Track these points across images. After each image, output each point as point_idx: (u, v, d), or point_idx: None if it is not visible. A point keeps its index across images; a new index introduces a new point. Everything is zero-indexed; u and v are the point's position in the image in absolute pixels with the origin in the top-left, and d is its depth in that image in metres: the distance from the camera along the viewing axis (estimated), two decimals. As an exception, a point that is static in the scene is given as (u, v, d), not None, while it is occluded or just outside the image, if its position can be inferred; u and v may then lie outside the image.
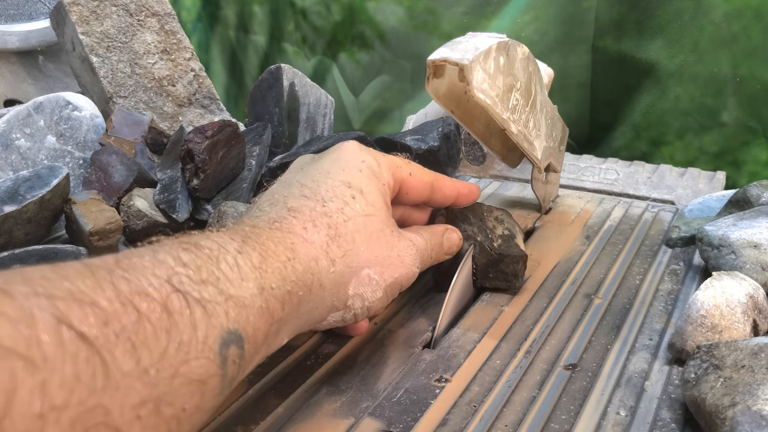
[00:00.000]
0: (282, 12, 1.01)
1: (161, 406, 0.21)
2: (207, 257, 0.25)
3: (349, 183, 0.34)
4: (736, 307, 0.35)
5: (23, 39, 0.69)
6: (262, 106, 0.65)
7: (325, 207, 0.32)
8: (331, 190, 0.33)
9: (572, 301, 0.42)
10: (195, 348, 0.22)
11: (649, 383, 0.35)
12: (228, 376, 0.24)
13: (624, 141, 0.78)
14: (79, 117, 0.56)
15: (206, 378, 0.23)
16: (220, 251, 0.26)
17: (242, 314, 0.25)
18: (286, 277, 0.28)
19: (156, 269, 0.23)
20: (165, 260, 0.24)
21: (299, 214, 0.31)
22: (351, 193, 0.33)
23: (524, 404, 0.33)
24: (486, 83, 0.39)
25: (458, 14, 0.84)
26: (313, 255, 0.30)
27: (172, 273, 0.23)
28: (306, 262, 0.30)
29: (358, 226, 0.33)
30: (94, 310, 0.20)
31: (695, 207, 0.52)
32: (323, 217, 0.32)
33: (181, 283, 0.23)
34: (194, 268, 0.24)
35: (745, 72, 0.69)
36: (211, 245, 0.26)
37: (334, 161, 0.35)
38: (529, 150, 0.47)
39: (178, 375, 0.22)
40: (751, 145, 0.71)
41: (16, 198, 0.45)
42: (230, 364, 0.24)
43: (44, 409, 0.17)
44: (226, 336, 0.24)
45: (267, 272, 0.27)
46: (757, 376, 0.29)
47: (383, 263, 0.34)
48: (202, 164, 0.51)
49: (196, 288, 0.24)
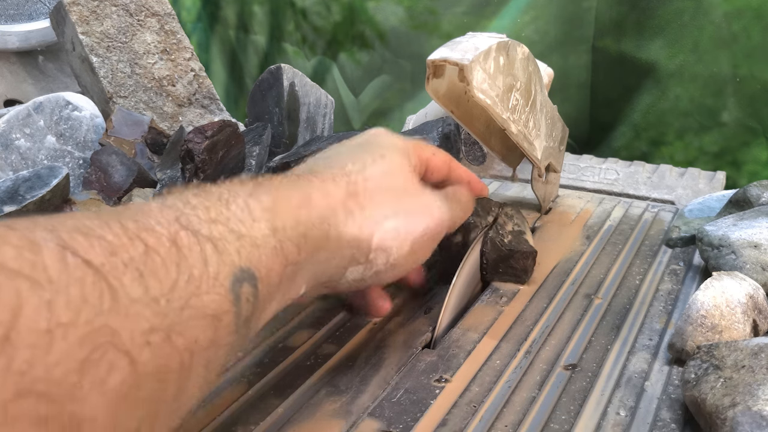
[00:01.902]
0: (282, 12, 1.01)
1: (172, 336, 0.21)
2: (216, 199, 0.25)
3: (369, 148, 0.34)
4: (736, 308, 0.35)
5: (23, 39, 0.69)
6: (262, 106, 0.65)
7: (345, 169, 0.32)
8: (353, 157, 0.33)
9: (572, 301, 0.42)
10: (206, 282, 0.22)
11: (649, 383, 0.35)
12: (242, 314, 0.24)
13: (624, 141, 0.78)
14: (79, 117, 0.55)
15: (219, 314, 0.23)
16: (230, 194, 0.26)
17: (254, 253, 0.25)
18: (300, 221, 0.28)
19: (165, 211, 0.23)
20: (173, 204, 0.24)
21: (319, 173, 0.32)
22: (372, 158, 0.34)
23: (524, 404, 0.33)
24: (486, 83, 0.39)
25: (458, 14, 0.84)
26: (330, 205, 0.30)
27: (180, 213, 0.23)
28: (321, 210, 0.29)
29: (378, 183, 0.33)
30: (100, 242, 0.20)
31: (695, 207, 0.52)
32: (343, 177, 0.32)
33: (189, 222, 0.23)
34: (203, 208, 0.24)
35: (745, 72, 0.69)
36: (220, 190, 0.26)
37: (361, 142, 0.36)
38: (529, 150, 0.47)
39: (188, 307, 0.21)
40: (751, 145, 0.71)
41: (16, 198, 0.45)
42: (244, 302, 0.24)
43: (51, 325, 0.17)
44: (239, 273, 0.24)
45: (279, 214, 0.27)
46: (757, 376, 0.29)
47: (408, 213, 0.33)
48: (201, 164, 0.51)
49: (206, 226, 0.24)
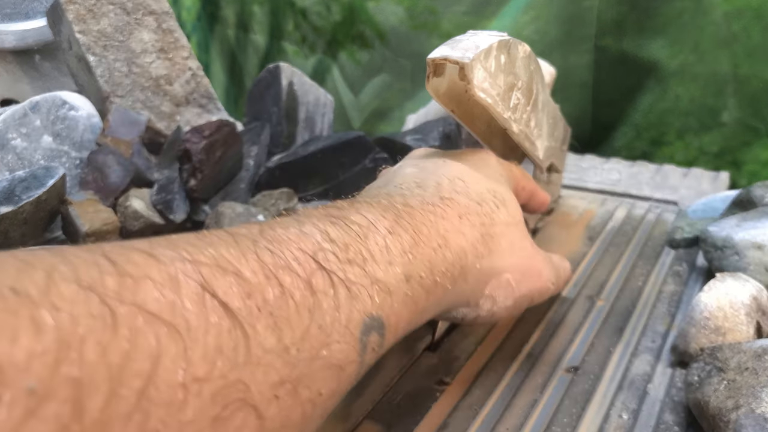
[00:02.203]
0: (282, 11, 1.01)
1: (299, 388, 0.20)
2: (356, 234, 0.24)
3: (494, 192, 0.33)
4: (739, 309, 0.35)
5: (20, 38, 0.68)
6: (260, 105, 0.65)
7: (479, 207, 0.31)
8: (480, 193, 0.32)
9: (575, 303, 0.42)
10: (337, 331, 0.22)
11: (651, 386, 0.34)
12: (365, 363, 0.23)
13: (625, 141, 0.78)
14: (76, 117, 0.55)
15: (345, 364, 0.22)
16: (369, 229, 0.25)
17: (386, 300, 0.24)
18: (435, 266, 0.27)
19: (302, 243, 0.22)
20: (312, 234, 0.23)
21: (453, 204, 0.30)
22: (496, 201, 0.33)
23: (526, 407, 0.33)
24: (487, 82, 0.38)
25: (458, 14, 0.84)
26: (463, 246, 0.29)
27: (318, 248, 0.23)
28: (456, 252, 0.29)
29: (504, 231, 0.32)
30: (238, 280, 0.19)
31: (698, 207, 0.52)
32: (476, 215, 0.31)
33: (327, 260, 0.22)
34: (342, 245, 0.23)
35: (745, 71, 0.68)
36: (361, 221, 0.25)
37: (477, 165, 0.34)
38: (530, 150, 0.47)
39: (318, 357, 0.21)
40: (753, 145, 0.70)
41: (12, 198, 0.45)
42: (369, 351, 0.23)
43: (187, 379, 0.16)
44: (369, 322, 0.23)
45: (417, 258, 0.26)
46: (760, 378, 0.29)
47: (523, 272, 0.33)
48: (199, 164, 0.51)
49: (342, 267, 0.23)
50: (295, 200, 0.55)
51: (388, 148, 0.58)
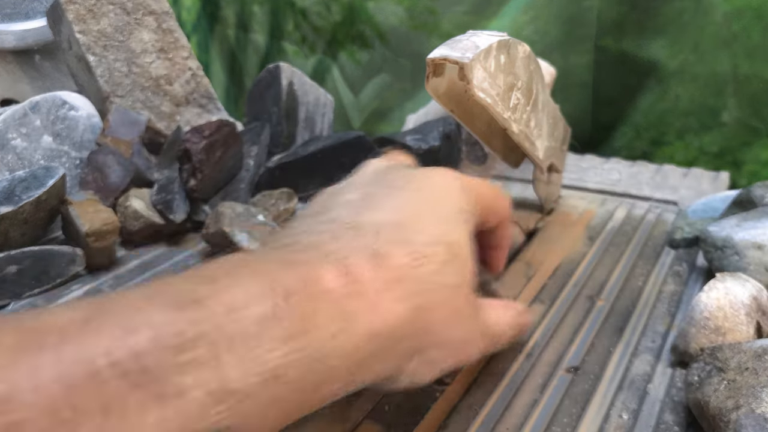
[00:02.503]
0: (282, 11, 1.01)
1: None
2: (214, 324, 0.20)
3: (446, 242, 0.28)
4: (739, 309, 0.35)
5: (20, 38, 0.68)
6: (260, 105, 0.65)
7: (420, 269, 0.26)
8: (427, 245, 0.27)
9: (574, 304, 0.42)
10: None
11: (652, 386, 0.34)
12: None
13: (625, 141, 0.78)
14: (76, 117, 0.55)
15: None
16: (239, 312, 0.21)
17: (241, 406, 0.20)
18: (327, 356, 0.23)
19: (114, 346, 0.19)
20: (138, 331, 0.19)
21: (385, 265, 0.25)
22: (445, 257, 0.27)
23: (526, 408, 0.33)
24: (486, 82, 0.38)
25: (458, 14, 0.84)
26: (377, 329, 0.25)
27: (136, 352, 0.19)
28: (365, 336, 0.24)
29: (444, 299, 0.27)
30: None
31: (699, 207, 0.52)
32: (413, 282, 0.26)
33: (146, 369, 0.19)
34: (183, 341, 0.20)
35: (745, 71, 0.68)
36: (230, 302, 0.21)
37: (436, 198, 0.30)
38: (530, 150, 0.47)
39: None
40: (753, 145, 0.70)
41: (12, 198, 0.45)
42: None
43: None
44: None
45: (300, 350, 0.22)
46: (761, 378, 0.29)
47: (454, 348, 0.29)
48: (199, 164, 0.51)
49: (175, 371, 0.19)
50: (295, 200, 0.55)
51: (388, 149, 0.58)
